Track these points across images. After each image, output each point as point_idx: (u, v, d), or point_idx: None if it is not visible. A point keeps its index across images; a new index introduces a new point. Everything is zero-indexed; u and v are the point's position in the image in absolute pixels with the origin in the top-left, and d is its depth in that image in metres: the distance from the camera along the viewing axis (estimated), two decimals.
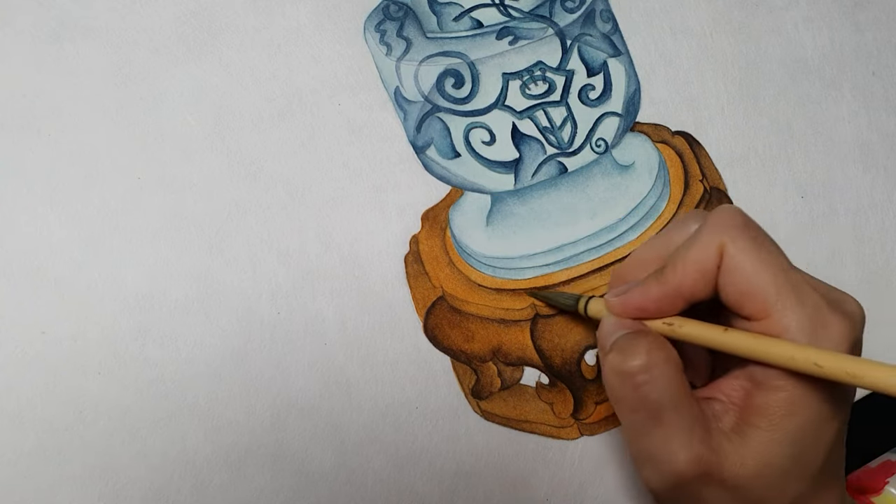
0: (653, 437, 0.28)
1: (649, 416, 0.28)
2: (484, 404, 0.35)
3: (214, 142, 0.34)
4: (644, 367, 0.28)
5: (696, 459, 0.27)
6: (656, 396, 0.27)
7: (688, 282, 0.28)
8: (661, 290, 0.29)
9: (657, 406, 0.27)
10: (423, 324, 0.35)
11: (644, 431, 0.28)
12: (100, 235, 0.33)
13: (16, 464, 0.31)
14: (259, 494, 0.33)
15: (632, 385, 0.28)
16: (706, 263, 0.28)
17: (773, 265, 0.27)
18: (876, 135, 0.40)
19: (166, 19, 0.34)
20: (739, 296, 0.27)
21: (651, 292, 0.29)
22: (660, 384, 0.28)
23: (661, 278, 0.29)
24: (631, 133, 0.38)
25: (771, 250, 0.28)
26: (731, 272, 0.28)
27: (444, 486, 0.35)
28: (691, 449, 0.27)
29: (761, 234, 0.28)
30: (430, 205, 0.36)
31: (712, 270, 0.28)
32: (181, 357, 0.33)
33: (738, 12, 0.39)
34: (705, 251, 0.28)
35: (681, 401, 0.28)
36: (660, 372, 0.28)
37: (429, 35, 0.36)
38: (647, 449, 0.28)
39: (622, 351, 0.28)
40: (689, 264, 0.28)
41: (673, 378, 0.28)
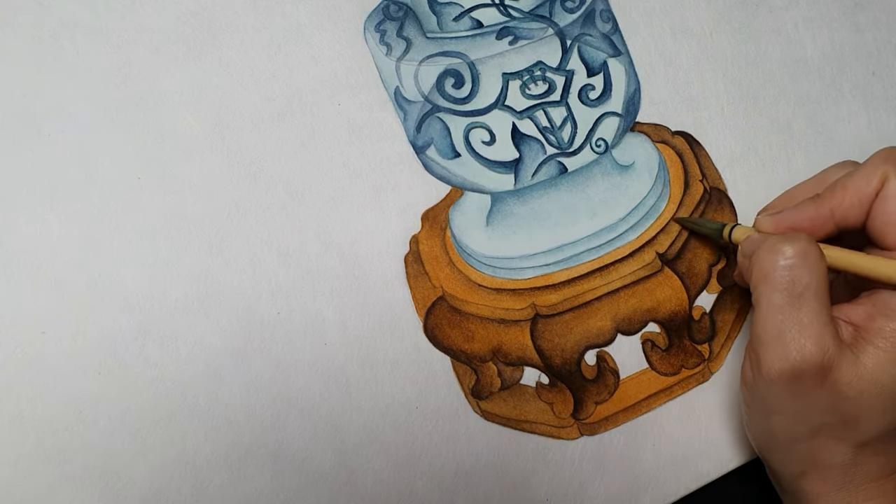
0: (790, 318, 0.29)
1: (793, 296, 0.29)
2: (484, 404, 0.35)
3: (214, 142, 0.34)
4: (803, 251, 0.30)
5: (824, 352, 0.29)
6: (805, 281, 0.29)
7: (845, 204, 0.31)
8: (815, 211, 0.31)
9: (804, 288, 0.29)
10: (423, 324, 0.35)
11: (783, 311, 0.29)
12: (100, 235, 0.33)
13: (16, 464, 0.31)
14: (259, 494, 0.33)
15: (787, 264, 0.29)
16: (866, 189, 0.30)
17: None
18: (876, 135, 0.40)
19: (166, 19, 0.34)
20: (889, 224, 0.30)
21: (806, 212, 0.32)
22: (813, 271, 0.29)
23: (817, 200, 0.31)
24: (631, 133, 0.38)
25: None
26: (887, 199, 0.30)
27: (444, 486, 0.35)
28: (823, 340, 0.29)
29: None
30: (430, 205, 0.36)
31: (870, 196, 0.30)
32: (181, 357, 0.33)
33: (738, 12, 0.39)
34: (868, 178, 0.30)
35: (824, 294, 0.30)
36: (815, 260, 0.30)
37: (429, 35, 0.36)
38: (780, 328, 0.29)
39: (784, 236, 0.30)
40: (849, 188, 0.31)
41: (823, 272, 0.30)
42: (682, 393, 0.37)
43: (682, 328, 0.37)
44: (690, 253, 0.37)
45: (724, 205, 0.38)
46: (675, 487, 0.37)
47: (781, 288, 0.29)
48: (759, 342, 0.30)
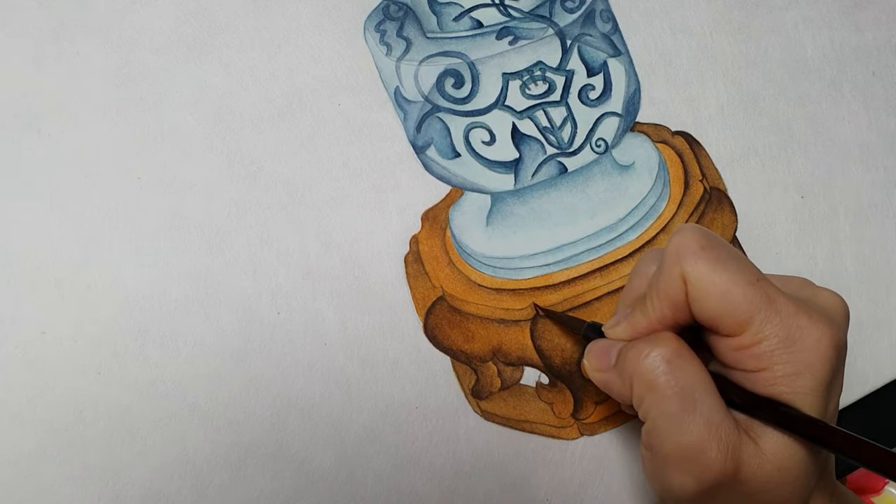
0: (686, 429, 0.27)
1: (685, 402, 0.27)
2: (484, 404, 0.35)
3: (214, 142, 0.34)
4: (677, 350, 0.28)
5: (732, 454, 0.27)
6: (692, 379, 0.27)
7: (667, 313, 0.29)
8: (646, 323, 0.29)
9: (692, 390, 0.27)
10: (423, 324, 0.35)
11: (678, 422, 0.27)
12: (100, 235, 0.33)
13: (16, 464, 0.31)
14: (259, 494, 0.33)
15: (667, 367, 0.27)
16: (675, 294, 0.28)
17: (737, 282, 0.27)
18: (876, 135, 0.40)
19: (166, 19, 0.34)
20: (712, 318, 0.27)
21: (639, 324, 0.30)
22: (693, 367, 0.28)
23: (644, 310, 0.29)
24: (631, 133, 0.38)
25: (734, 267, 0.27)
26: (697, 298, 0.28)
27: (444, 486, 0.35)
28: (728, 441, 0.27)
29: (723, 253, 0.28)
30: (430, 205, 0.36)
31: (682, 300, 0.28)
32: (181, 357, 0.33)
33: (738, 12, 0.39)
34: (670, 282, 0.28)
35: (711, 388, 0.28)
36: (690, 356, 0.28)
37: (429, 35, 0.36)
38: (680, 442, 0.27)
39: (650, 340, 0.29)
40: (661, 297, 0.28)
41: (701, 365, 0.28)
42: None
43: None
44: None
45: (724, 205, 0.38)
46: None
47: (671, 395, 0.27)
48: (659, 457, 0.28)
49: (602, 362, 0.30)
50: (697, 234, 0.28)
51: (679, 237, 0.28)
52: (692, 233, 0.28)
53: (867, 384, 0.39)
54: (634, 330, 0.30)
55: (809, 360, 0.27)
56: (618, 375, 0.29)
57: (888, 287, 0.40)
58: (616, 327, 0.31)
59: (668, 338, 0.28)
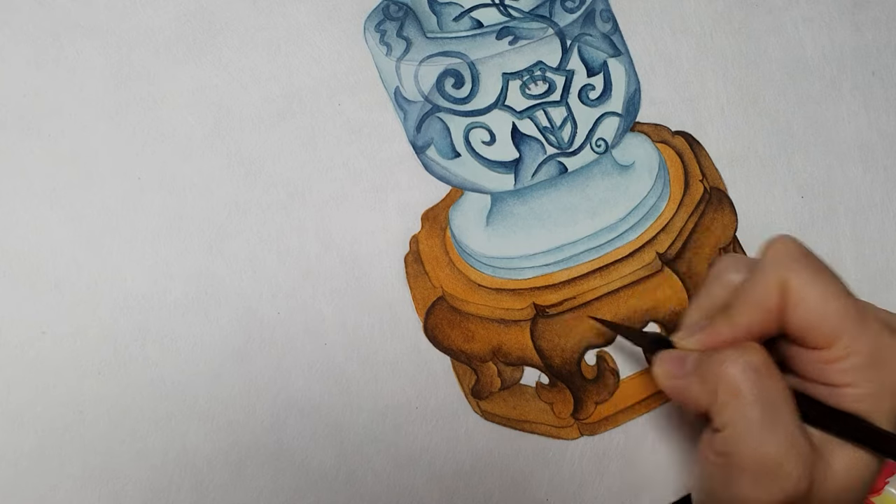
0: (769, 441, 0.27)
1: (768, 412, 0.27)
2: (484, 404, 0.35)
3: (214, 142, 0.34)
4: (766, 360, 0.28)
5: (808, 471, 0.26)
6: (777, 391, 0.27)
7: (756, 321, 0.28)
8: (731, 332, 0.29)
9: (776, 401, 0.27)
10: (423, 324, 0.35)
11: (761, 433, 0.27)
12: (100, 235, 0.33)
13: (16, 464, 0.31)
14: (259, 494, 0.33)
15: (756, 376, 0.27)
16: (771, 301, 0.28)
17: (836, 295, 0.27)
18: (876, 135, 0.40)
19: (166, 19, 0.34)
20: (806, 328, 0.28)
21: (722, 334, 0.29)
22: (779, 380, 0.28)
23: (728, 319, 0.29)
24: (631, 133, 0.38)
25: (832, 280, 0.28)
26: (796, 306, 0.27)
27: (444, 486, 0.35)
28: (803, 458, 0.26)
29: (820, 264, 0.28)
30: (430, 205, 0.36)
31: (778, 308, 0.28)
32: (181, 357, 0.33)
33: (738, 12, 0.39)
34: (768, 289, 0.28)
35: (792, 403, 0.28)
36: (776, 370, 0.28)
37: (429, 35, 0.36)
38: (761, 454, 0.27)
39: (739, 348, 0.28)
40: (753, 303, 0.28)
41: (783, 378, 0.28)
42: None
43: None
44: (690, 253, 0.37)
45: (724, 205, 0.38)
46: (675, 487, 0.37)
47: (756, 403, 0.27)
48: (733, 467, 0.27)
49: (677, 369, 0.30)
50: (796, 243, 0.29)
51: (779, 245, 0.28)
52: (792, 242, 0.29)
53: None
54: (715, 339, 0.29)
55: (893, 381, 0.27)
56: (698, 381, 0.29)
57: (888, 287, 0.40)
58: (692, 337, 0.30)
59: (757, 348, 0.28)
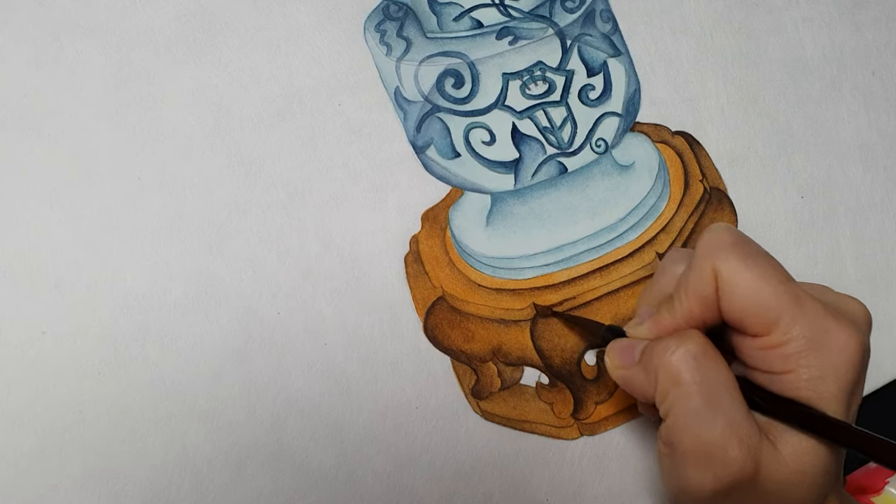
0: (708, 426, 0.27)
1: (709, 398, 0.27)
2: (484, 404, 0.35)
3: (214, 142, 0.34)
4: (704, 347, 0.28)
5: (752, 455, 0.26)
6: (716, 376, 0.27)
7: (695, 311, 0.28)
8: (672, 321, 0.29)
9: (717, 387, 0.27)
10: (423, 324, 0.35)
11: (700, 418, 0.27)
12: (100, 235, 0.33)
13: (16, 464, 0.31)
14: (259, 494, 0.33)
15: (695, 364, 0.27)
16: (705, 290, 0.28)
17: (769, 280, 0.27)
18: (876, 135, 0.40)
19: (166, 19, 0.34)
20: (741, 315, 0.27)
21: (664, 323, 0.29)
22: (720, 365, 0.28)
23: (671, 309, 0.29)
24: (631, 133, 0.38)
25: (765, 265, 0.28)
26: (728, 294, 0.27)
27: (444, 486, 0.35)
28: (749, 441, 0.27)
29: (753, 250, 0.28)
30: (430, 205, 0.36)
31: (712, 296, 0.28)
32: (181, 357, 0.33)
33: (738, 12, 0.39)
34: (701, 278, 0.28)
35: (735, 387, 0.28)
36: (716, 355, 0.28)
37: (429, 35, 0.36)
38: (701, 439, 0.27)
39: (677, 336, 0.28)
40: (690, 294, 0.28)
41: (726, 365, 0.28)
42: None
43: None
44: None
45: (724, 205, 0.38)
46: None
47: (696, 390, 0.27)
48: (678, 454, 0.28)
49: (625, 359, 0.30)
50: (729, 231, 0.28)
51: (711, 234, 0.28)
52: (724, 230, 0.29)
53: (868, 384, 0.39)
54: (659, 328, 0.30)
55: (835, 364, 0.27)
56: (642, 371, 0.29)
57: (888, 287, 0.40)
58: (640, 326, 0.30)
59: (696, 335, 0.28)
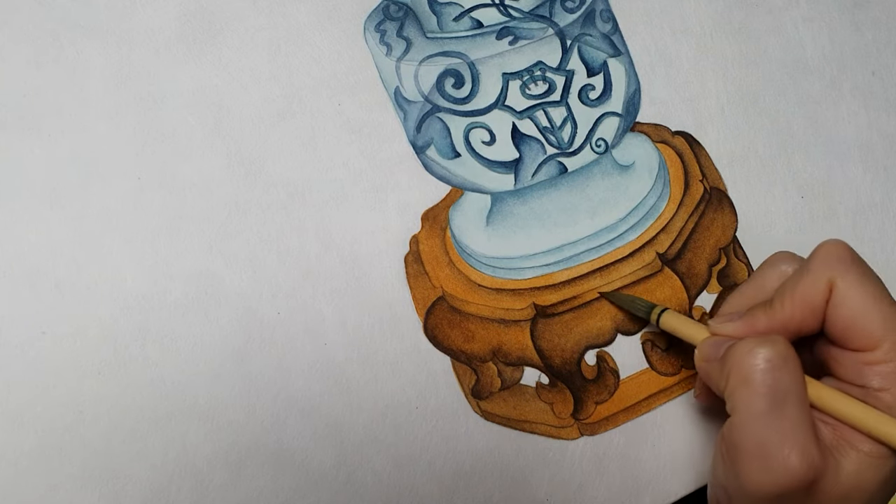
0: (772, 429, 0.27)
1: (775, 403, 0.27)
2: (484, 404, 0.35)
3: (214, 142, 0.34)
4: (783, 353, 0.28)
5: (810, 465, 0.27)
6: (787, 384, 0.28)
7: (797, 316, 0.29)
8: (767, 323, 0.30)
9: (785, 395, 0.27)
10: (423, 324, 0.35)
11: (764, 421, 0.27)
12: (100, 235, 0.33)
13: (16, 464, 0.31)
14: (259, 494, 0.33)
15: (767, 367, 0.28)
16: (815, 298, 0.29)
17: (880, 300, 0.28)
18: (876, 135, 0.40)
19: (166, 19, 0.34)
20: (846, 329, 0.28)
21: (758, 323, 0.30)
22: (793, 375, 0.28)
23: (768, 311, 0.30)
24: (631, 133, 0.38)
25: (878, 285, 0.29)
26: (839, 306, 0.28)
27: (444, 486, 0.35)
28: (808, 451, 0.27)
29: (868, 269, 0.29)
30: (430, 205, 0.36)
31: (821, 305, 0.29)
32: (181, 357, 0.33)
33: (738, 12, 0.39)
34: (814, 286, 0.29)
35: (805, 399, 0.28)
36: (794, 364, 0.28)
37: (429, 35, 0.36)
38: (762, 441, 0.27)
39: (760, 338, 0.29)
40: (797, 298, 0.29)
41: (802, 376, 0.28)
42: (682, 393, 0.37)
43: None
44: (690, 253, 0.37)
45: (724, 205, 0.38)
46: (675, 487, 0.37)
47: (763, 392, 0.27)
48: (738, 452, 0.28)
49: (712, 353, 0.30)
50: (848, 247, 0.29)
51: (831, 247, 0.29)
52: (844, 246, 0.29)
53: None
54: (750, 328, 0.30)
55: None
56: (720, 366, 0.29)
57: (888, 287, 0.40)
58: (727, 324, 0.31)
59: (779, 340, 0.28)
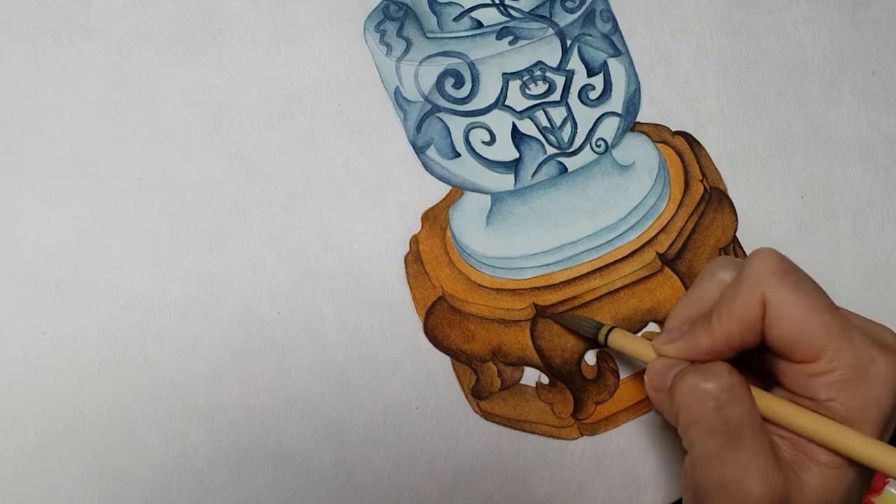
0: (729, 466, 0.27)
1: (729, 439, 0.27)
2: (484, 404, 0.35)
3: (214, 142, 0.34)
4: (727, 386, 0.28)
5: (774, 490, 0.26)
6: (738, 417, 0.27)
7: (735, 333, 0.28)
8: (710, 341, 0.29)
9: (738, 427, 0.27)
10: (423, 324, 0.35)
11: (721, 458, 0.27)
12: (100, 235, 0.33)
13: (16, 464, 0.31)
14: (259, 494, 0.33)
15: (714, 405, 0.27)
16: (750, 315, 0.28)
17: (817, 309, 0.27)
18: (876, 135, 0.40)
19: (166, 19, 0.34)
20: (787, 343, 0.28)
21: (701, 342, 0.29)
22: (742, 404, 0.27)
23: (708, 328, 0.29)
24: (631, 133, 0.38)
25: (813, 293, 0.28)
26: (776, 321, 0.27)
27: (444, 486, 0.35)
28: (768, 480, 0.26)
29: (801, 278, 0.28)
30: (430, 205, 0.36)
31: (757, 322, 0.28)
32: (181, 357, 0.33)
33: (738, 12, 0.39)
34: (747, 303, 0.28)
35: (758, 424, 0.27)
36: (741, 392, 0.28)
37: (429, 35, 0.36)
38: (722, 479, 0.27)
39: (702, 371, 0.28)
40: (733, 316, 0.28)
41: (751, 400, 0.28)
42: None
43: None
44: (690, 253, 0.37)
45: (724, 205, 0.38)
46: (676, 487, 0.37)
47: (715, 432, 0.27)
48: (699, 492, 0.28)
49: (660, 383, 0.30)
50: (779, 258, 0.28)
51: (761, 259, 0.28)
52: (774, 256, 0.28)
53: None
54: (693, 348, 0.29)
55: (878, 394, 0.27)
56: (669, 399, 0.29)
57: (888, 287, 0.40)
58: (670, 345, 0.30)
59: (721, 371, 0.28)
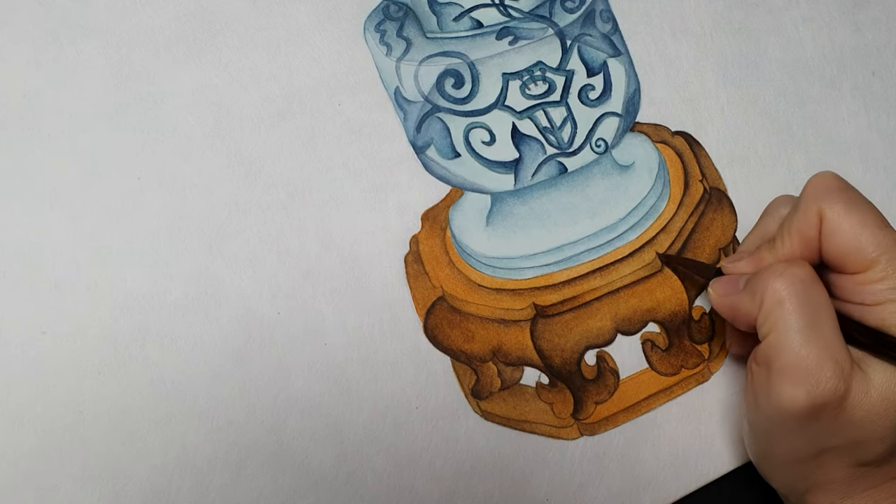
0: (810, 343, 0.28)
1: (813, 318, 0.29)
2: (484, 404, 0.35)
3: (214, 142, 0.34)
4: (810, 274, 0.30)
5: (844, 379, 0.28)
6: (821, 300, 0.29)
7: (796, 250, 0.31)
8: (773, 259, 0.31)
9: (818, 310, 0.29)
10: (423, 324, 0.35)
11: (803, 335, 0.29)
12: (100, 235, 0.33)
13: (16, 464, 0.31)
14: (259, 494, 0.33)
15: (803, 286, 0.29)
16: (809, 231, 0.30)
17: (869, 224, 0.30)
18: (876, 135, 0.40)
19: (166, 19, 0.34)
20: (841, 255, 0.30)
21: (765, 260, 0.32)
22: (821, 293, 0.30)
23: (772, 249, 0.32)
24: (631, 133, 0.38)
25: (867, 211, 0.30)
26: (831, 235, 0.30)
27: (444, 486, 0.35)
28: (841, 365, 0.28)
29: (855, 195, 0.30)
30: (430, 205, 0.36)
31: (815, 238, 0.30)
32: (181, 357, 0.33)
33: (738, 12, 0.39)
34: (806, 219, 0.30)
35: (833, 313, 0.29)
36: (820, 284, 0.30)
37: (429, 35, 0.36)
38: (801, 354, 0.28)
39: (788, 262, 0.30)
40: (794, 233, 0.31)
41: (827, 294, 0.30)
42: (681, 393, 0.37)
43: (682, 328, 0.37)
44: (690, 253, 0.37)
45: (724, 205, 0.38)
46: (675, 487, 0.37)
47: (803, 309, 0.29)
48: (775, 371, 0.29)
49: (728, 288, 0.32)
50: (835, 177, 0.31)
51: (818, 178, 0.31)
52: (831, 176, 0.31)
53: None
54: (759, 264, 0.32)
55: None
56: (748, 295, 0.31)
57: None
58: (739, 262, 0.33)
59: (802, 262, 0.30)
